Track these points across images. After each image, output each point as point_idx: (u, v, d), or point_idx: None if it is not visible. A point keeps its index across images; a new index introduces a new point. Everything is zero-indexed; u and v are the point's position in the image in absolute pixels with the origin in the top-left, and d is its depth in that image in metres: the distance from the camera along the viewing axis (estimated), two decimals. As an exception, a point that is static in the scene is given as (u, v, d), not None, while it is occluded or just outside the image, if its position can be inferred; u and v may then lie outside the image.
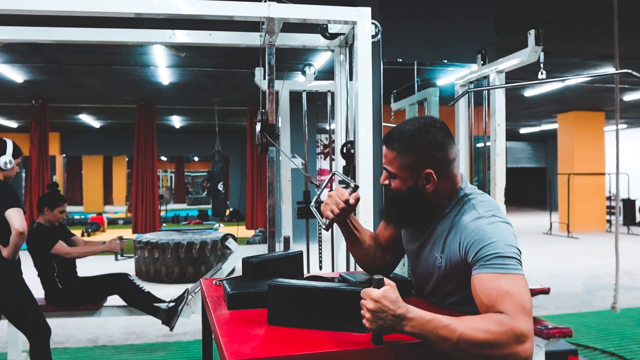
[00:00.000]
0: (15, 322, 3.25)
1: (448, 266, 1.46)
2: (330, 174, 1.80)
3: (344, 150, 3.07)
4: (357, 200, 1.58)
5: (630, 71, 3.14)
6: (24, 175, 13.72)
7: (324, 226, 1.62)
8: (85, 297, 4.08)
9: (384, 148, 1.52)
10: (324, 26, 3.08)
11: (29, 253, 3.95)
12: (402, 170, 1.48)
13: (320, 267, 4.21)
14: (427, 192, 1.48)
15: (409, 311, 1.19)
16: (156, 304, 4.08)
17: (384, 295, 1.19)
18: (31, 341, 3.21)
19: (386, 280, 1.23)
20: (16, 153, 3.25)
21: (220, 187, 10.63)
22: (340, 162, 3.37)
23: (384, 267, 1.76)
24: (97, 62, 7.54)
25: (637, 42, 6.72)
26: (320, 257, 4.23)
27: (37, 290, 3.54)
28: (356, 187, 1.60)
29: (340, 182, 1.72)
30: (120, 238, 4.20)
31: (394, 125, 1.55)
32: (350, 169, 3.01)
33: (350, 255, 2.62)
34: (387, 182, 1.54)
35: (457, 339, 1.17)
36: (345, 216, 1.62)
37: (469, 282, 1.37)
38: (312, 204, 1.72)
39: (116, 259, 4.14)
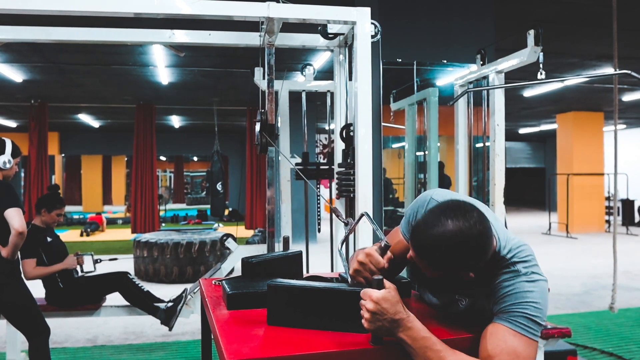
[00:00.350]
0: (15, 322, 3.24)
1: (469, 311, 1.42)
2: (360, 215, 1.66)
3: (344, 134, 3.08)
4: (390, 261, 1.45)
5: (629, 72, 3.14)
6: (22, 174, 13.70)
7: (349, 281, 1.47)
8: (86, 296, 4.09)
9: (416, 254, 1.33)
10: (324, 26, 3.08)
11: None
12: (437, 274, 1.36)
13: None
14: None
15: (409, 319, 1.20)
16: (155, 304, 4.09)
17: (384, 297, 1.19)
18: (30, 341, 3.21)
19: (386, 282, 1.23)
20: (15, 152, 3.25)
21: (219, 187, 10.63)
22: (339, 155, 3.37)
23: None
24: (96, 61, 7.53)
25: (636, 43, 6.72)
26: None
27: (36, 290, 3.54)
28: (387, 247, 1.44)
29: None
30: (77, 253, 4.15)
31: (425, 224, 1.30)
32: (349, 151, 3.01)
33: (349, 254, 2.62)
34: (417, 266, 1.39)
35: None
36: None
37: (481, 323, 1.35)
38: (339, 248, 1.59)
39: (75, 275, 4.11)
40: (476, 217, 1.27)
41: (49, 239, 3.94)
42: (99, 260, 4.50)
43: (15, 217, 2.97)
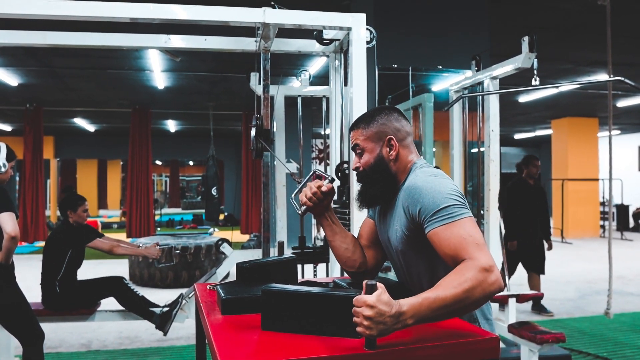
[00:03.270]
0: (9, 326, 3.23)
1: (403, 233, 1.58)
2: (312, 172, 1.89)
3: (339, 173, 3.09)
4: (330, 190, 1.70)
5: (622, 79, 3.16)
6: (17, 179, 13.66)
7: (299, 211, 1.75)
8: (82, 300, 4.09)
9: (351, 134, 1.70)
10: (319, 32, 3.09)
11: (45, 253, 4.00)
12: (367, 141, 1.65)
13: (315, 274, 4.21)
14: (391, 159, 1.63)
15: (401, 305, 1.23)
16: (151, 309, 4.08)
17: (379, 299, 1.20)
18: (24, 346, 3.20)
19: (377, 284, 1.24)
20: (10, 156, 3.24)
21: (213, 191, 10.61)
22: (335, 164, 3.38)
23: (364, 265, 1.81)
24: (91, 65, 7.53)
25: (630, 49, 6.77)
26: (314, 267, 4.22)
27: (31, 294, 3.53)
28: (332, 180, 1.71)
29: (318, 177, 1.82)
30: (158, 244, 4.27)
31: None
32: (345, 190, 3.02)
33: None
34: (358, 163, 1.68)
35: (451, 303, 1.27)
36: (320, 207, 1.73)
37: (426, 247, 1.50)
38: (292, 196, 1.85)
39: (156, 265, 4.21)
40: (394, 106, 1.73)
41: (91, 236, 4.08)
42: (178, 252, 4.55)
43: (8, 222, 2.96)
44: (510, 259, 5.33)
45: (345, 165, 3.05)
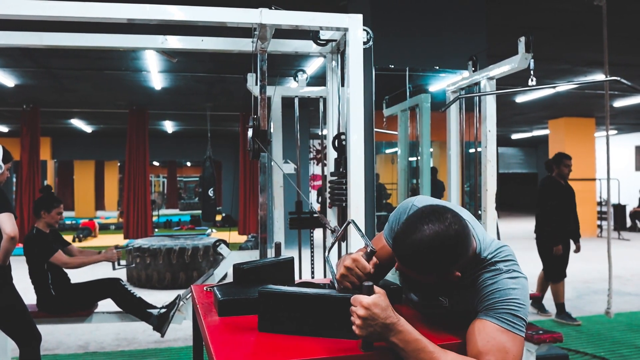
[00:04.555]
0: (6, 328, 3.22)
1: (453, 308, 1.47)
2: (346, 223, 1.69)
3: (336, 143, 3.08)
4: (376, 266, 1.47)
5: (619, 79, 3.17)
6: (14, 180, 13.62)
7: (336, 286, 1.48)
8: (78, 302, 4.08)
9: (399, 264, 1.38)
10: (316, 33, 3.09)
11: (25, 258, 3.95)
12: (422, 279, 1.39)
13: (313, 275, 4.21)
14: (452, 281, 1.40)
15: (400, 323, 1.21)
16: (148, 310, 4.07)
17: (375, 302, 1.19)
18: (21, 348, 3.19)
19: (376, 287, 1.23)
20: (6, 158, 3.24)
21: (210, 192, 10.60)
22: (331, 164, 3.37)
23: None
24: (88, 66, 7.51)
25: (626, 49, 6.78)
26: (312, 264, 4.22)
27: (28, 296, 3.52)
28: (372, 253, 1.46)
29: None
30: (117, 247, 4.25)
31: (402, 233, 1.34)
32: (342, 161, 3.02)
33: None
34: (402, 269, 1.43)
35: None
36: None
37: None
38: (327, 255, 1.61)
39: (113, 268, 4.18)
40: (451, 218, 1.32)
41: (54, 247, 3.98)
42: (138, 254, 4.53)
43: (6, 222, 2.96)
44: (557, 264, 5.23)
45: (343, 137, 3.05)
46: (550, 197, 5.28)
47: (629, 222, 14.67)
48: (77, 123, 14.08)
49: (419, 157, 4.51)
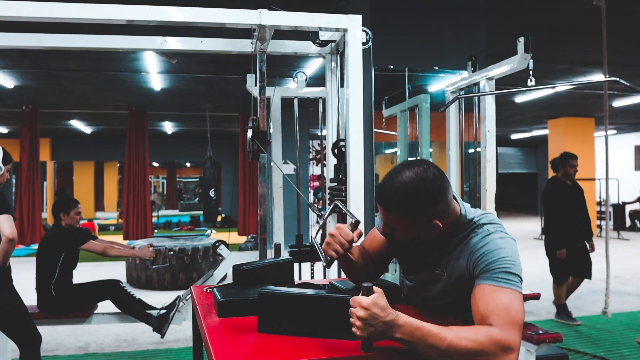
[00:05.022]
0: (6, 329, 3.22)
1: (451, 280, 1.50)
2: (332, 205, 1.76)
3: (335, 150, 3.09)
4: (360, 236, 1.55)
5: (618, 79, 3.17)
6: (14, 181, 13.62)
7: (325, 263, 1.57)
8: (78, 303, 4.09)
9: (381, 208, 1.47)
10: (315, 33, 3.10)
11: (36, 256, 3.99)
12: (404, 226, 1.46)
13: (312, 276, 4.21)
14: (433, 236, 1.48)
15: (399, 318, 1.21)
16: (147, 311, 4.07)
17: (374, 302, 1.19)
18: (21, 349, 3.19)
19: (374, 287, 1.23)
20: (6, 159, 3.24)
21: (211, 193, 10.60)
22: (331, 168, 3.38)
23: (369, 276, 1.76)
24: (88, 67, 7.52)
25: (625, 49, 6.79)
26: (312, 266, 4.22)
27: (28, 297, 3.52)
28: (357, 223, 1.55)
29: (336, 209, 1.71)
30: (152, 245, 4.29)
31: (384, 181, 1.46)
32: (341, 167, 3.02)
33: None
34: (388, 231, 1.52)
35: (446, 347, 1.20)
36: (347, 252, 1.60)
37: (464, 294, 1.41)
38: (315, 237, 1.71)
39: (150, 267, 4.23)
40: (430, 165, 1.44)
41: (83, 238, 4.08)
42: (173, 254, 4.56)
43: (5, 224, 2.96)
44: (560, 267, 5.16)
45: (342, 143, 3.05)
46: (555, 198, 5.19)
47: (628, 222, 14.68)
48: (76, 124, 14.08)
49: (418, 158, 4.52)
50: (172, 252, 4.62)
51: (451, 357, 1.21)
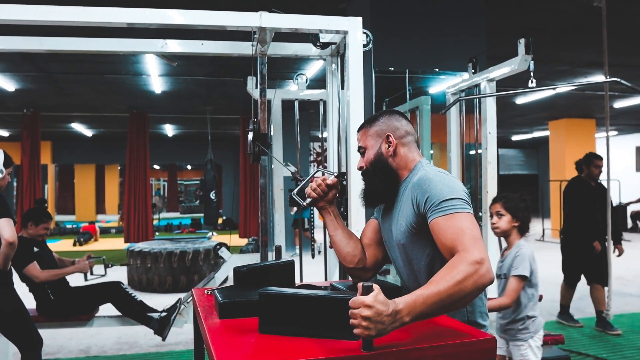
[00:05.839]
0: (7, 333, 3.22)
1: (408, 226, 1.63)
2: (315, 170, 2.01)
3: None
4: (334, 183, 1.84)
5: (619, 80, 3.18)
6: (15, 184, 13.63)
7: (304, 203, 1.87)
8: (78, 306, 4.05)
9: (357, 135, 1.82)
10: (316, 36, 3.10)
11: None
12: (369, 139, 1.77)
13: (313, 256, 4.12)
14: (389, 155, 1.73)
15: (397, 304, 1.24)
16: (148, 314, 4.06)
17: (376, 299, 1.20)
18: (22, 352, 3.19)
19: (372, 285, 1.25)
20: (7, 162, 3.24)
21: (212, 195, 10.60)
22: (332, 167, 3.38)
23: (363, 261, 1.86)
24: (89, 70, 7.53)
25: (626, 50, 6.79)
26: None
27: (29, 301, 3.52)
28: (336, 175, 1.86)
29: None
30: (89, 257, 4.17)
31: None
32: (342, 201, 3.02)
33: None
34: (362, 164, 1.79)
35: (445, 297, 1.30)
36: (325, 200, 1.85)
37: (429, 242, 1.57)
38: (294, 191, 1.93)
39: (85, 279, 4.12)
40: (399, 110, 1.81)
41: (35, 249, 3.88)
42: (110, 265, 4.49)
43: (6, 228, 2.96)
44: (573, 268, 5.10)
45: (344, 178, 3.05)
46: (577, 197, 5.08)
47: (629, 223, 14.65)
48: (77, 127, 14.10)
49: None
50: (110, 264, 4.53)
51: (451, 300, 1.32)
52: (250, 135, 2.68)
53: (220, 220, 16.17)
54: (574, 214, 5.16)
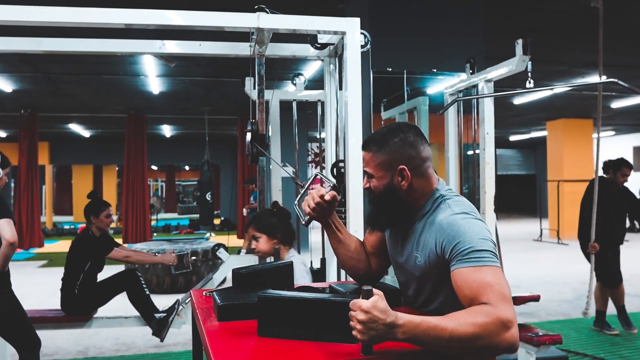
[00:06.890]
0: (5, 334, 3.22)
1: (427, 264, 1.51)
2: (314, 175, 1.88)
3: (334, 171, 3.08)
4: (333, 197, 1.65)
5: (616, 80, 3.18)
6: (12, 185, 13.61)
7: (303, 222, 1.70)
8: (98, 299, 4.12)
9: (363, 153, 1.61)
10: (314, 36, 3.10)
11: (66, 261, 4.04)
12: (378, 168, 1.56)
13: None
14: (403, 189, 1.54)
15: (398, 318, 1.20)
16: (154, 313, 4.08)
17: (374, 305, 1.19)
18: (20, 353, 3.18)
19: (374, 290, 1.23)
20: (5, 163, 3.23)
21: (208, 196, 10.58)
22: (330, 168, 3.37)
23: (369, 272, 1.79)
24: (86, 71, 7.52)
25: (623, 50, 6.80)
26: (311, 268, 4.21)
27: (27, 302, 3.51)
28: (334, 186, 1.70)
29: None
30: (173, 252, 4.34)
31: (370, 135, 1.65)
32: (340, 188, 3.02)
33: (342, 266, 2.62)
34: (367, 185, 1.61)
35: (449, 337, 1.19)
36: (324, 214, 1.70)
37: (447, 282, 1.42)
38: (295, 202, 1.79)
39: (173, 272, 4.25)
40: (413, 125, 1.60)
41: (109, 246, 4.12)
42: (195, 259, 4.62)
43: (6, 228, 2.96)
44: (608, 267, 5.04)
45: (342, 164, 3.05)
46: (599, 196, 4.79)
47: (627, 223, 14.66)
48: (75, 128, 14.08)
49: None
50: (194, 258, 4.64)
51: (456, 345, 1.20)
52: (248, 136, 2.68)
53: (217, 221, 16.17)
54: (586, 210, 5.00)
